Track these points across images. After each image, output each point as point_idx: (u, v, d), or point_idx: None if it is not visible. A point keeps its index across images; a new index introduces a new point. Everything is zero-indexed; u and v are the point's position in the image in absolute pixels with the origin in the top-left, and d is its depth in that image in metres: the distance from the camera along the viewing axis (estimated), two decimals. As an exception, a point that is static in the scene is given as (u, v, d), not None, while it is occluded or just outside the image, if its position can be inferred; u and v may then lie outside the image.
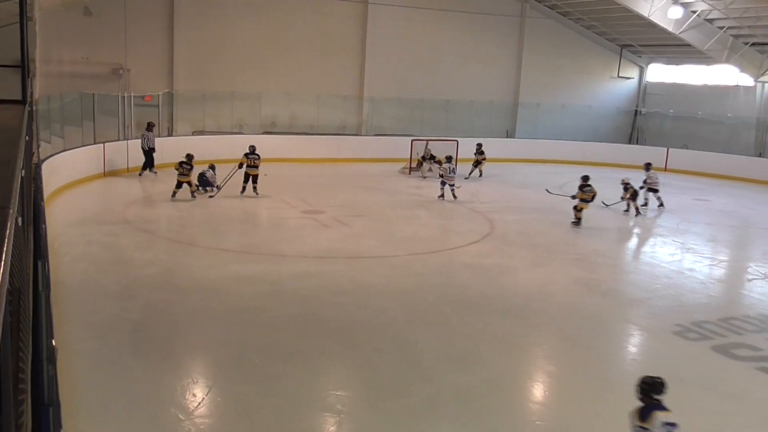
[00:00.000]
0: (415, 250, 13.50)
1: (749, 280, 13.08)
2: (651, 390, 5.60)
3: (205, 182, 18.17)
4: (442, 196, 18.89)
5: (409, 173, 23.26)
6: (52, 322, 5.37)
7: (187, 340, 8.66)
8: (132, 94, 22.51)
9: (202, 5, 24.41)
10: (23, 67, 10.16)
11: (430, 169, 22.86)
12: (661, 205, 19.11)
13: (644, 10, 25.58)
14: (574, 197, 16.52)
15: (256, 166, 17.98)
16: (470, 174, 23.35)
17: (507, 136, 29.92)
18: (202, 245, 13.23)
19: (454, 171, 19.18)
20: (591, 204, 16.54)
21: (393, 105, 27.87)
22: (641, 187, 19.05)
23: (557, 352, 7.57)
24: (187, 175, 17.27)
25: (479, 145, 23.77)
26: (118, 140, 21.12)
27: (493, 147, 25.94)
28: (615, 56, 31.97)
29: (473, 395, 7.39)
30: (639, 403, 5.52)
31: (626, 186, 18.44)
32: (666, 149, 27.97)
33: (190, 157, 17.51)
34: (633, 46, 31.51)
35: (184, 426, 6.53)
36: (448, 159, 19.58)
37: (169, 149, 20.96)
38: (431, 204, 18.68)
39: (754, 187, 24.17)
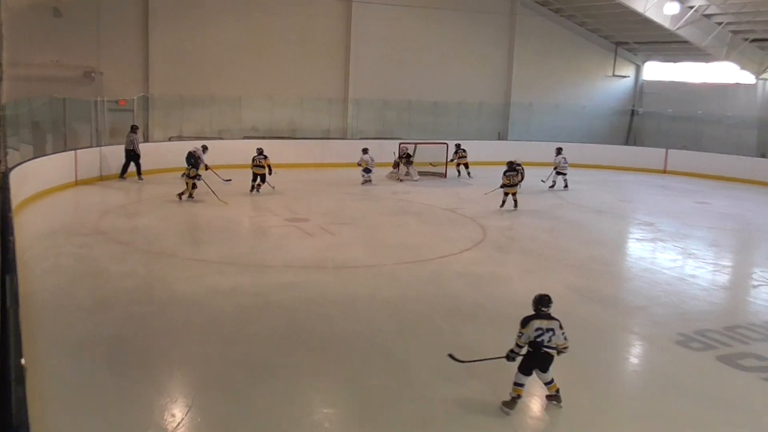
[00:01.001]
0: (404, 259, 13.47)
1: (754, 287, 13.13)
2: (539, 303, 7.22)
3: (192, 161, 18.79)
4: (368, 181, 21.90)
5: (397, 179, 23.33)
6: (21, 339, 5.31)
7: (165, 356, 8.58)
8: (105, 99, 22.41)
9: (178, 5, 24.37)
10: (-11, 71, 10.10)
11: (407, 173, 22.99)
12: (566, 186, 22.19)
13: (639, 6, 25.74)
14: (502, 186, 18.50)
15: (261, 166, 19.10)
16: (459, 175, 24.13)
17: (499, 138, 30.02)
18: (181, 256, 13.16)
19: (372, 159, 21.98)
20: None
21: (379, 107, 27.88)
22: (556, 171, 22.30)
23: (554, 364, 7.57)
24: (190, 176, 17.99)
25: (458, 146, 24.20)
26: (91, 147, 21.00)
27: (484, 149, 26.05)
28: (610, 54, 32.16)
29: (466, 410, 7.36)
30: None
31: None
32: (664, 150, 28.13)
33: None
34: (628, 43, 31.70)
35: (163, 447, 6.46)
36: (365, 151, 22.05)
37: (144, 156, 20.87)
38: (420, 210, 18.70)
39: (757, 189, 24.29)
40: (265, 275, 12.02)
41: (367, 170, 21.94)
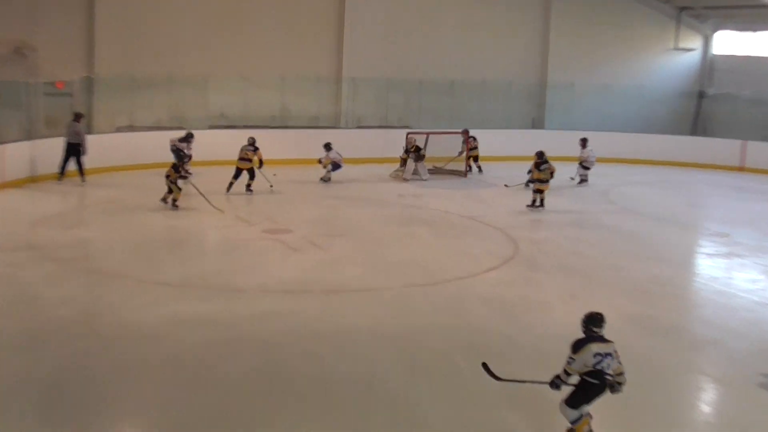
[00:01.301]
0: (414, 281, 13.45)
1: None
2: (590, 323, 7.50)
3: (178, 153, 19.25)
4: (326, 178, 22.44)
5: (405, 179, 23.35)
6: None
7: (113, 403, 8.55)
8: (40, 81, 22.40)
9: (130, -35, 24.44)
10: None
11: (415, 170, 22.95)
12: (585, 181, 23.62)
13: (708, -39, 25.74)
14: (531, 182, 19.77)
15: (247, 159, 19.55)
16: (470, 171, 24.60)
17: (533, 127, 30.02)
18: (133, 277, 13.13)
19: (340, 156, 22.37)
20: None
21: (381, 89, 27.87)
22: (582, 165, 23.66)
23: (604, 413, 7.48)
24: (173, 180, 17.98)
25: (466, 132, 24.45)
26: (21, 140, 20.99)
27: (515, 141, 26.02)
28: (671, 22, 32.13)
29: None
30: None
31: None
32: (741, 142, 28.04)
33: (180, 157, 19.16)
34: (694, 8, 31.67)
35: None
36: (328, 147, 22.28)
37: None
38: (433, 218, 18.71)
39: None
40: (238, 302, 11.99)
41: (337, 166, 22.33)
